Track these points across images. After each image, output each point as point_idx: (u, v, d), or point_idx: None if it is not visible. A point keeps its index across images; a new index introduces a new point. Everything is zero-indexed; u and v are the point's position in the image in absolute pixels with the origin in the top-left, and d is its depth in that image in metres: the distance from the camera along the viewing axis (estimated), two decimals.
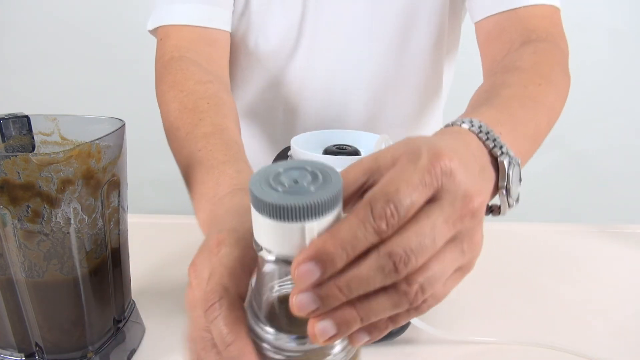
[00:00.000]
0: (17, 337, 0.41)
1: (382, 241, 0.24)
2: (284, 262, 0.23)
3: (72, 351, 0.42)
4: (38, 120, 0.46)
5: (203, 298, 0.28)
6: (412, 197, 0.24)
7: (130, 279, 0.48)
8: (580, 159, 1.69)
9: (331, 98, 0.73)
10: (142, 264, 0.56)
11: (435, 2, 0.67)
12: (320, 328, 0.23)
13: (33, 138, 0.46)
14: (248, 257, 0.29)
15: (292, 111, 0.75)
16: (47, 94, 1.58)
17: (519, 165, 0.33)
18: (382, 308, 0.24)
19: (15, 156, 0.34)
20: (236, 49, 0.71)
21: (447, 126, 0.35)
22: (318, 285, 0.23)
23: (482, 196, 0.27)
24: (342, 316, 0.24)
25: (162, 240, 0.67)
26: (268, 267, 0.24)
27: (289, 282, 0.25)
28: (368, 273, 0.23)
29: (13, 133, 0.45)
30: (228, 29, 0.65)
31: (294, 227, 0.22)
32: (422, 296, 0.25)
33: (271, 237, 0.23)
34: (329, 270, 0.23)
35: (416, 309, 0.26)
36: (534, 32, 0.56)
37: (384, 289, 0.24)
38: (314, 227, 0.22)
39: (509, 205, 0.34)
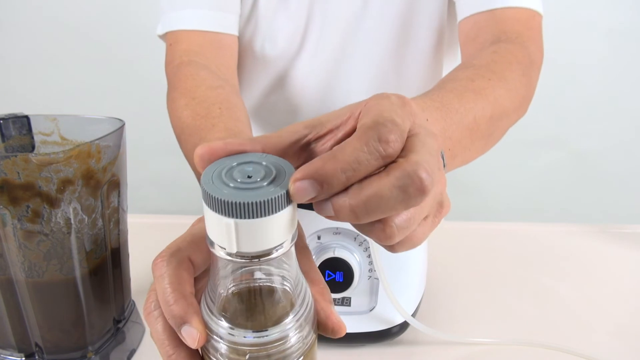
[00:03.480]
0: (17, 337, 0.41)
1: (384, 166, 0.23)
2: (234, 257, 0.23)
3: (72, 351, 0.42)
4: (38, 120, 0.46)
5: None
6: (405, 124, 0.24)
7: (130, 279, 0.48)
8: (581, 159, 1.69)
9: (332, 100, 0.74)
10: (142, 264, 0.56)
11: (435, 4, 0.67)
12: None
13: (33, 138, 0.46)
14: None
15: (293, 112, 0.75)
16: (47, 94, 1.58)
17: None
18: (382, 213, 0.23)
19: (15, 156, 0.34)
20: (242, 53, 0.71)
21: None
22: (327, 192, 0.22)
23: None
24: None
25: (162, 240, 0.66)
26: (221, 263, 0.24)
27: (243, 278, 0.25)
28: (389, 193, 0.22)
29: (13, 133, 0.45)
30: (236, 33, 0.66)
31: (235, 222, 0.22)
32: (396, 236, 0.24)
33: (220, 232, 0.23)
34: (325, 192, 0.22)
35: (391, 246, 0.26)
36: (505, 33, 0.56)
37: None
38: (267, 222, 0.22)
39: None
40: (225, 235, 0.22)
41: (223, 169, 0.24)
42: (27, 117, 0.45)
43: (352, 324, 0.46)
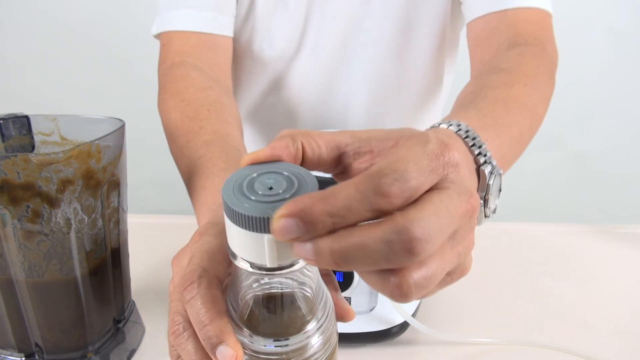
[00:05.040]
0: (17, 337, 0.41)
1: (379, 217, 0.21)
2: (259, 269, 0.23)
3: (72, 351, 0.42)
4: (38, 120, 0.46)
5: (181, 280, 0.27)
6: (419, 180, 0.22)
7: (130, 279, 0.48)
8: (581, 159, 1.69)
9: (332, 101, 0.74)
10: (142, 264, 0.56)
11: (437, 4, 0.67)
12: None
13: (33, 138, 0.46)
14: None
15: (292, 114, 0.75)
16: (47, 94, 1.58)
17: (500, 176, 0.32)
18: (363, 265, 0.21)
19: (15, 156, 0.34)
20: (240, 54, 0.71)
21: (433, 127, 0.33)
22: (311, 234, 0.21)
23: (478, 197, 0.25)
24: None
25: (162, 240, 0.67)
26: (243, 274, 0.24)
27: (265, 287, 0.25)
28: (374, 245, 0.20)
29: (13, 133, 0.45)
30: (230, 34, 0.66)
31: (267, 237, 0.21)
32: (414, 295, 0.22)
33: (245, 246, 0.22)
34: (309, 233, 0.21)
35: (399, 300, 0.23)
36: (522, 36, 0.55)
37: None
38: None
39: (485, 216, 0.32)
40: (249, 248, 0.22)
41: (243, 180, 0.23)
42: (27, 117, 0.45)
43: (352, 324, 0.46)
